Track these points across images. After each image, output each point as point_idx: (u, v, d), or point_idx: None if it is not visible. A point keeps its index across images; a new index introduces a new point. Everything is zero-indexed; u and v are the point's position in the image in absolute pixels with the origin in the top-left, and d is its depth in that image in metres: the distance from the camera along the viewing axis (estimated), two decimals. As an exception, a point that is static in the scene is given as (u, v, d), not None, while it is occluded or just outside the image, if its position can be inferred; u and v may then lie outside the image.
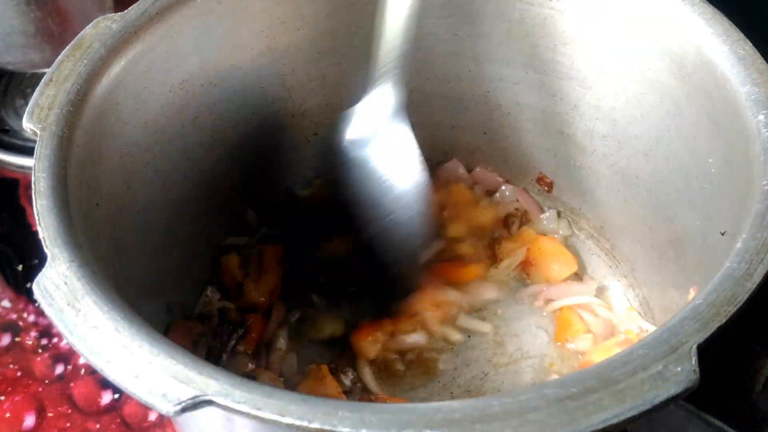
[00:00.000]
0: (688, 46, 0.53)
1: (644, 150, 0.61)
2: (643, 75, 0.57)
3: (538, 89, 0.66)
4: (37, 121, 0.47)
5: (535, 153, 0.71)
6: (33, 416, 0.64)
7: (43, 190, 0.44)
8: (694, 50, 0.52)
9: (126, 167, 0.54)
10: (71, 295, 0.39)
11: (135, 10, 0.54)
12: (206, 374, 0.35)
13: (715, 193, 0.51)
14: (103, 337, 0.37)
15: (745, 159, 0.46)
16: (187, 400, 0.35)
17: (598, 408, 0.34)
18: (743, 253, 0.40)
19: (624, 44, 0.58)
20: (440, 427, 0.33)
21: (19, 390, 0.66)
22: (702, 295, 0.39)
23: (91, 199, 0.48)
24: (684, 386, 0.35)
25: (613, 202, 0.67)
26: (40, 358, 0.68)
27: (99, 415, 0.64)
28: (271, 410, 0.34)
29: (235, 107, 0.64)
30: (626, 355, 0.36)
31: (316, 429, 0.33)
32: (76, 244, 0.42)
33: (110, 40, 0.52)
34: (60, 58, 0.51)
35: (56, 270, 0.40)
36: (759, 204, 0.42)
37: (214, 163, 0.64)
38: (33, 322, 0.70)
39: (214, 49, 0.59)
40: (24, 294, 0.72)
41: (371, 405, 0.34)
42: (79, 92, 0.49)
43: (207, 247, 0.68)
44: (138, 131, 0.55)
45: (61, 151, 0.46)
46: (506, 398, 0.34)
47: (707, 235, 0.52)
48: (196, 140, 0.61)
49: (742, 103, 0.48)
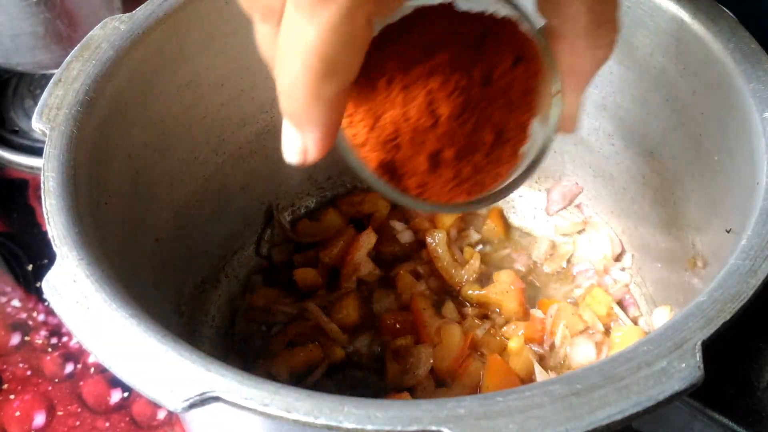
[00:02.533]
0: (694, 44, 0.53)
1: (650, 148, 0.61)
2: (649, 73, 0.58)
3: (544, 88, 0.66)
4: (46, 121, 0.48)
5: (541, 152, 0.71)
6: (43, 415, 0.65)
7: (53, 190, 0.44)
8: (700, 48, 0.52)
9: (134, 167, 0.54)
10: (80, 293, 0.40)
11: (143, 11, 0.54)
12: (214, 371, 0.36)
13: (721, 191, 0.51)
14: (111, 335, 0.38)
15: (751, 156, 0.46)
16: (195, 397, 0.35)
17: (603, 404, 0.34)
18: (748, 250, 0.40)
19: (630, 43, 0.58)
20: (445, 422, 0.33)
21: (29, 389, 0.66)
22: (707, 291, 0.39)
23: (100, 199, 0.48)
24: (688, 383, 0.35)
25: (619, 201, 0.67)
26: (50, 357, 0.68)
27: (108, 414, 0.65)
28: (278, 406, 0.34)
29: (242, 107, 0.64)
30: (630, 351, 0.36)
31: (322, 425, 0.34)
32: (85, 243, 0.42)
33: (118, 41, 0.52)
34: (69, 59, 0.51)
35: (65, 268, 0.41)
36: (764, 201, 0.43)
37: (222, 163, 0.65)
38: (43, 322, 0.71)
39: (221, 49, 0.59)
40: (34, 293, 0.73)
41: (377, 401, 0.34)
42: (88, 92, 0.50)
43: (215, 246, 0.68)
44: (146, 131, 0.55)
45: (69, 151, 0.47)
46: (510, 394, 0.34)
47: (713, 232, 0.52)
48: (203, 140, 0.62)
49: (748, 100, 0.48)
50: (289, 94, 0.33)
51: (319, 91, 0.33)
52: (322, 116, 0.34)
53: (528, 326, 0.64)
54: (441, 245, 0.69)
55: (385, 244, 0.71)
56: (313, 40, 0.31)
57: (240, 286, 0.70)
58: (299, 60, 0.32)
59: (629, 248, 0.68)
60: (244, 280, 0.70)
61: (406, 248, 0.71)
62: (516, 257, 0.71)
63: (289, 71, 0.33)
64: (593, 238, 0.70)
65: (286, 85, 0.33)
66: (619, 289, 0.67)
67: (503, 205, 0.75)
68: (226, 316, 0.68)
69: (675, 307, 0.59)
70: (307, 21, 0.31)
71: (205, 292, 0.67)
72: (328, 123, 0.34)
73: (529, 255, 0.71)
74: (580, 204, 0.71)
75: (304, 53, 0.32)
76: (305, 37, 0.31)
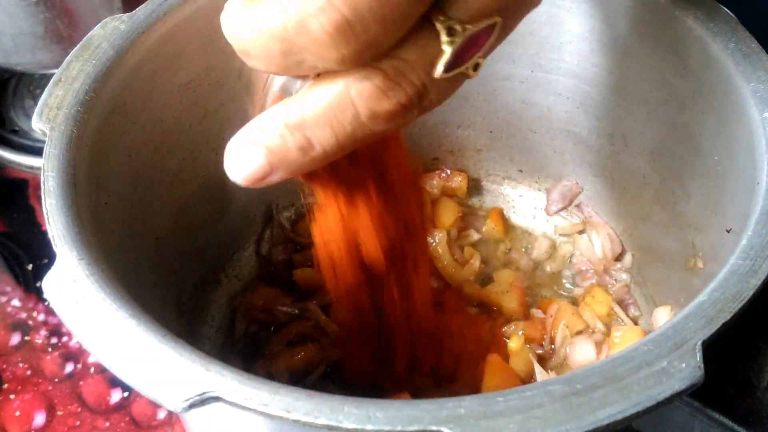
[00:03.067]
0: (694, 44, 0.53)
1: (650, 148, 0.61)
2: (649, 73, 0.58)
3: (544, 88, 0.66)
4: (46, 121, 0.48)
5: (541, 152, 0.71)
6: (43, 414, 0.65)
7: (53, 189, 0.44)
8: (700, 48, 0.52)
9: (134, 167, 0.54)
10: (80, 293, 0.40)
11: (143, 11, 0.54)
12: (214, 371, 0.36)
13: (721, 191, 0.51)
14: (111, 335, 0.38)
15: (751, 156, 0.46)
16: (195, 397, 0.35)
17: (603, 404, 0.34)
18: (748, 250, 0.40)
19: (630, 42, 0.58)
20: (445, 423, 0.33)
21: (29, 388, 0.66)
22: (707, 291, 0.39)
23: (100, 198, 0.48)
24: (689, 382, 0.35)
25: (619, 201, 0.67)
26: (50, 356, 0.68)
27: (108, 414, 0.65)
28: (278, 407, 0.34)
29: (243, 107, 0.64)
30: (631, 351, 0.36)
31: (322, 425, 0.34)
32: (85, 243, 0.42)
33: (118, 40, 0.52)
34: (69, 59, 0.51)
35: (65, 268, 0.41)
36: (764, 201, 0.43)
37: (222, 163, 0.64)
38: (43, 321, 0.71)
39: (221, 49, 0.59)
40: (34, 293, 0.73)
41: (377, 401, 0.34)
42: (88, 92, 0.50)
43: (215, 246, 0.68)
44: (146, 131, 0.55)
45: (69, 151, 0.47)
46: (511, 394, 0.34)
47: (713, 232, 0.52)
48: (203, 140, 0.62)
49: (748, 100, 0.48)
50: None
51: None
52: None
53: (528, 326, 0.64)
54: (441, 245, 0.69)
55: (385, 244, 0.71)
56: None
57: (240, 286, 0.70)
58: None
59: (629, 248, 0.68)
60: (244, 280, 0.70)
61: (406, 248, 0.71)
62: (516, 257, 0.71)
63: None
64: (593, 238, 0.70)
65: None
66: (619, 289, 0.67)
67: (503, 205, 0.75)
68: (226, 316, 0.68)
69: (675, 307, 0.59)
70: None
71: (205, 292, 0.67)
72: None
73: (529, 255, 0.71)
74: (580, 204, 0.72)
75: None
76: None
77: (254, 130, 0.37)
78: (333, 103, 0.34)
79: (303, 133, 0.35)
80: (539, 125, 0.69)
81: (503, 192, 0.75)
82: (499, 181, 0.75)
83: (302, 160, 0.36)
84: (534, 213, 0.74)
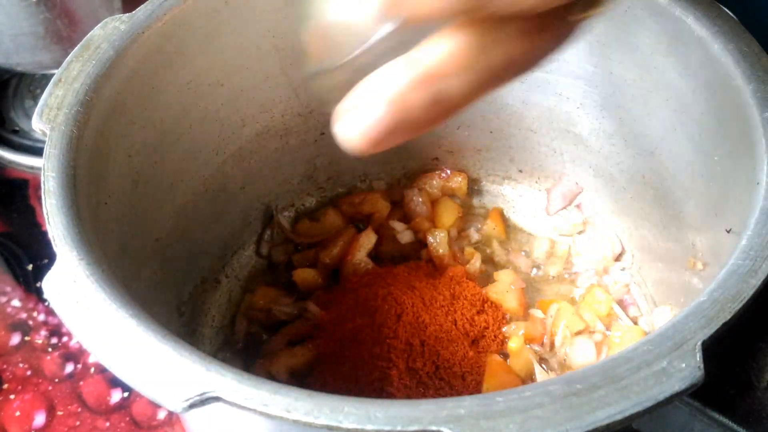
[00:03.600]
0: (694, 44, 0.53)
1: (650, 148, 0.61)
2: (649, 73, 0.58)
3: (544, 88, 0.66)
4: (46, 121, 0.48)
5: (541, 152, 0.71)
6: (43, 414, 0.65)
7: (53, 190, 0.44)
8: (700, 48, 0.52)
9: (134, 167, 0.54)
10: (80, 293, 0.40)
11: (143, 11, 0.54)
12: (214, 371, 0.36)
13: (721, 191, 0.51)
14: (111, 335, 0.38)
15: (751, 156, 0.46)
16: (195, 397, 0.35)
17: (603, 404, 0.34)
18: (748, 250, 0.40)
19: (630, 43, 0.58)
20: (445, 423, 0.33)
21: (29, 389, 0.66)
22: (707, 291, 0.39)
23: (100, 198, 0.48)
24: (688, 383, 0.35)
25: (619, 201, 0.67)
26: (50, 357, 0.68)
27: (108, 414, 0.65)
28: (278, 407, 0.34)
29: (242, 107, 0.64)
30: (631, 351, 0.36)
31: (322, 425, 0.34)
32: (85, 243, 0.42)
33: (118, 40, 0.52)
34: (69, 59, 0.51)
35: (65, 268, 0.41)
36: (764, 201, 0.43)
37: (221, 163, 0.65)
38: (43, 321, 0.71)
39: (221, 49, 0.59)
40: (34, 293, 0.73)
41: (377, 401, 0.34)
42: (88, 92, 0.50)
43: (215, 246, 0.68)
44: (145, 131, 0.55)
45: (70, 151, 0.47)
46: (511, 394, 0.34)
47: (713, 232, 0.52)
48: (203, 140, 0.62)
49: (748, 100, 0.48)
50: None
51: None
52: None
53: (528, 326, 0.64)
54: (442, 245, 0.69)
55: (385, 244, 0.71)
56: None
57: (240, 286, 0.70)
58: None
59: (629, 248, 0.68)
60: (244, 280, 0.70)
61: (406, 248, 0.71)
62: (516, 257, 0.71)
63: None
64: (593, 238, 0.70)
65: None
66: (619, 289, 0.67)
67: (503, 205, 0.75)
68: (226, 316, 0.68)
69: (675, 307, 0.59)
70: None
71: (205, 292, 0.67)
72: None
73: (529, 255, 0.71)
74: (580, 204, 0.71)
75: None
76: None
77: (372, 85, 0.34)
78: (463, 51, 0.32)
79: (432, 83, 0.33)
80: (539, 125, 0.69)
81: (503, 192, 0.76)
82: (499, 181, 0.75)
83: (429, 111, 0.33)
84: (534, 213, 0.74)
